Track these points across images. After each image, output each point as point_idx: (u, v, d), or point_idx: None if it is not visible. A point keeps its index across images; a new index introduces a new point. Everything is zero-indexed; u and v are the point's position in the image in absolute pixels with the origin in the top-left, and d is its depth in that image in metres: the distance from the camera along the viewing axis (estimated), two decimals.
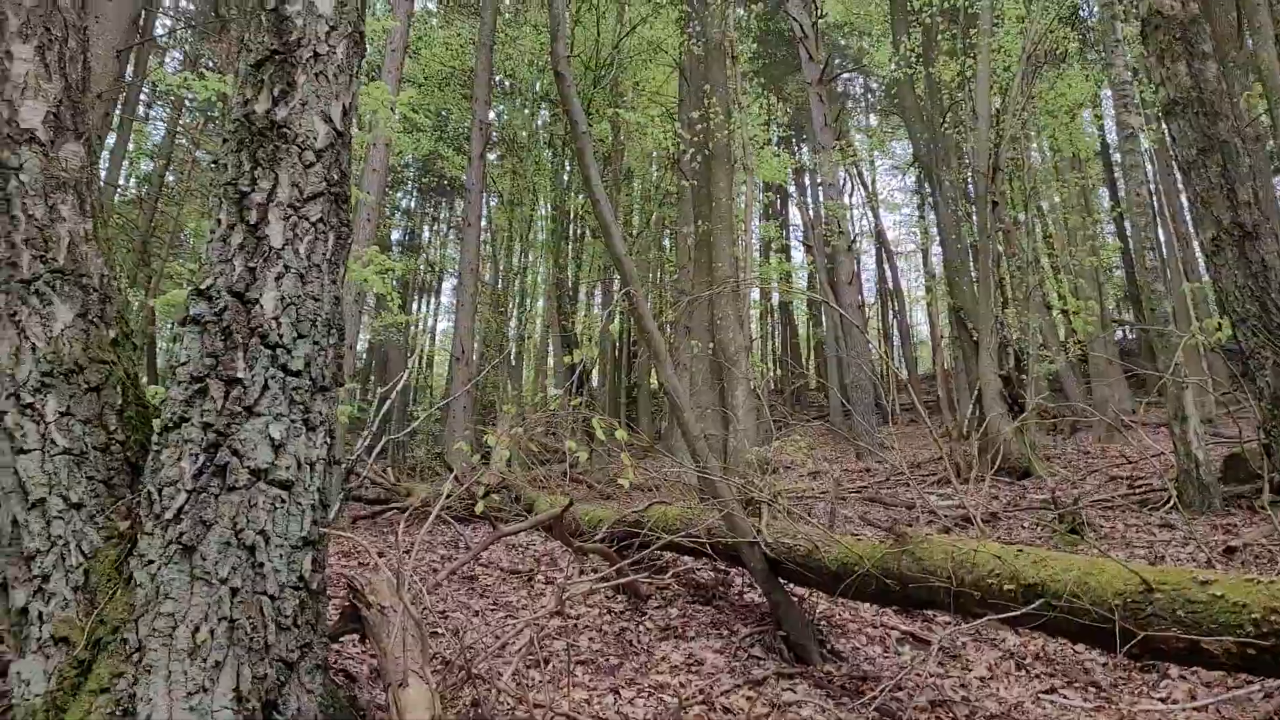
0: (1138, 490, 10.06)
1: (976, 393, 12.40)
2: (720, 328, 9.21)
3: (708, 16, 10.64)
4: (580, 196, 22.30)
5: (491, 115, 22.20)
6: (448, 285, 37.37)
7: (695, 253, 11.40)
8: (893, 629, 5.27)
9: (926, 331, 38.76)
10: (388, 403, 3.81)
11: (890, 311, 33.86)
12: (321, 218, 2.73)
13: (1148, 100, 16.17)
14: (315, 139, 2.74)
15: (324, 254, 2.73)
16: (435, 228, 37.20)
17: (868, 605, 5.52)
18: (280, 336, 2.56)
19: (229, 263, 2.57)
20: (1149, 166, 20.47)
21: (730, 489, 4.92)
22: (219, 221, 2.64)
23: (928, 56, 15.67)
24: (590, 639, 4.90)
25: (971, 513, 4.09)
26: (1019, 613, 3.39)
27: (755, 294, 35.57)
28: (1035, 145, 23.54)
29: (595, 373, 24.90)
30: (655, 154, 24.02)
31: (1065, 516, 7.63)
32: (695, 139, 10.81)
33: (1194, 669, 4.41)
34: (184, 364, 2.51)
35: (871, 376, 18.05)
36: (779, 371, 34.89)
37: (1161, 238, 21.07)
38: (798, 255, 34.72)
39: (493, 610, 5.53)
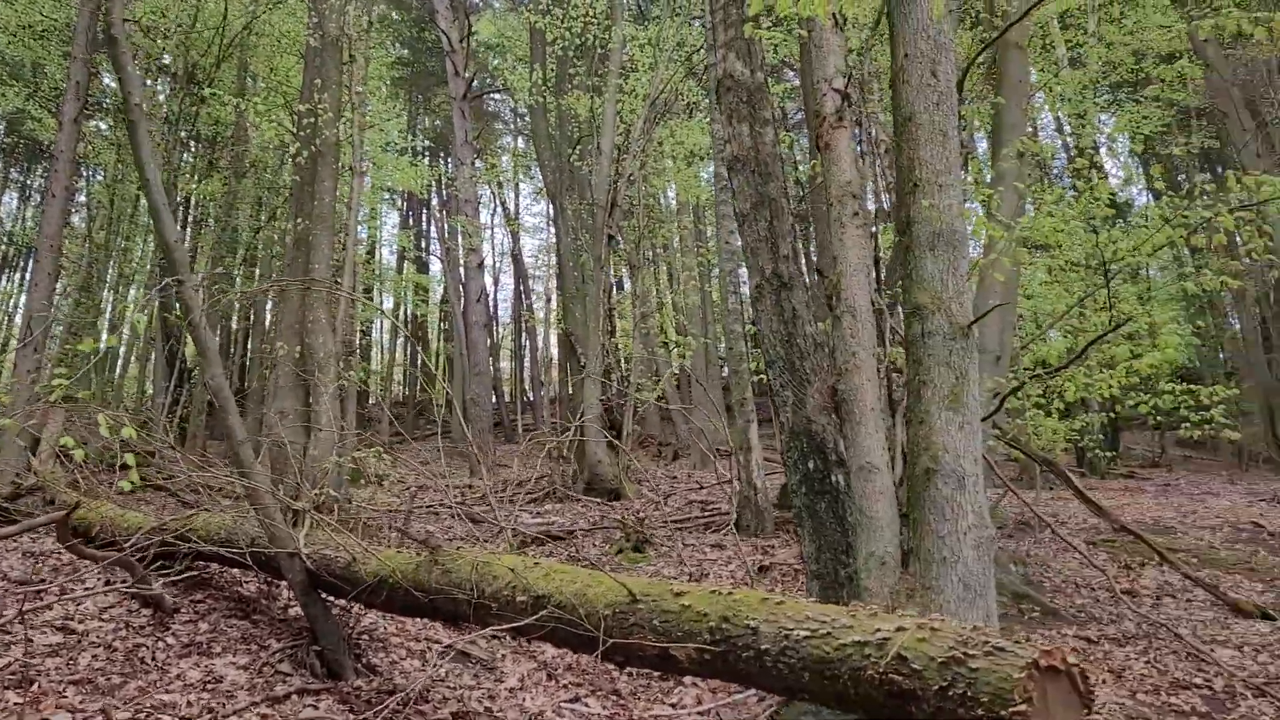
0: (709, 513, 10.99)
1: (580, 415, 12.93)
2: (310, 331, 8.78)
3: (325, 9, 10.16)
4: (200, 181, 20.56)
5: (109, 82, 19.80)
6: None
7: (294, 251, 10.82)
8: (437, 642, 5.25)
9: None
10: None
11: (523, 333, 34.52)
12: None
13: None
14: None
15: None
16: (28, 196, 32.48)
17: (417, 619, 5.47)
18: None
19: None
20: None
21: (274, 497, 4.64)
22: None
23: (560, 88, 16.23)
24: (94, 657, 4.39)
25: (503, 526, 4.15)
26: (523, 622, 3.48)
27: (389, 303, 34.88)
28: (663, 189, 25.23)
29: (199, 370, 22.85)
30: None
31: (630, 535, 8.11)
32: (302, 134, 10.24)
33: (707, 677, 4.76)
34: None
35: (492, 395, 18.24)
36: (402, 385, 34.26)
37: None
38: (436, 267, 34.47)
39: None
